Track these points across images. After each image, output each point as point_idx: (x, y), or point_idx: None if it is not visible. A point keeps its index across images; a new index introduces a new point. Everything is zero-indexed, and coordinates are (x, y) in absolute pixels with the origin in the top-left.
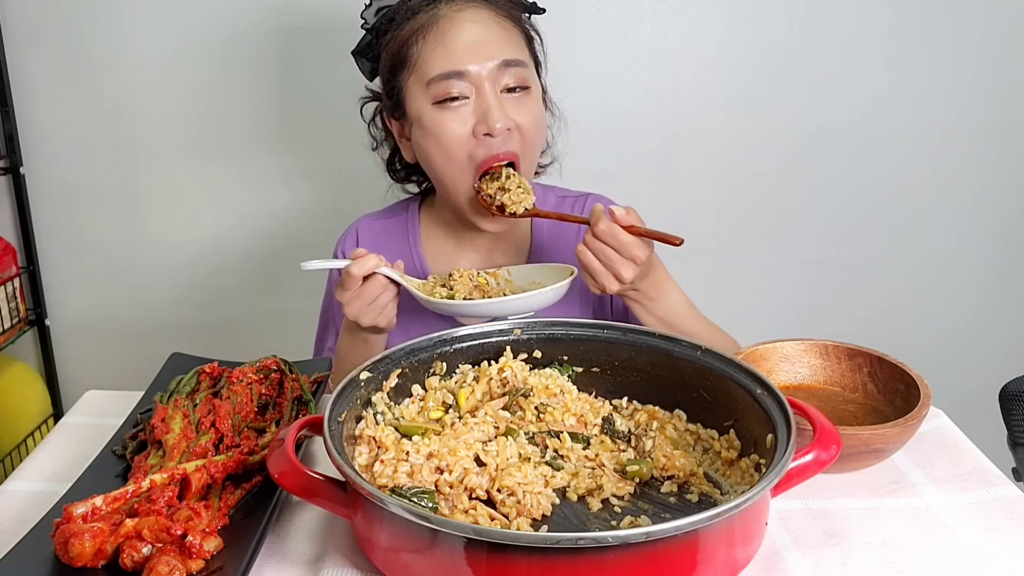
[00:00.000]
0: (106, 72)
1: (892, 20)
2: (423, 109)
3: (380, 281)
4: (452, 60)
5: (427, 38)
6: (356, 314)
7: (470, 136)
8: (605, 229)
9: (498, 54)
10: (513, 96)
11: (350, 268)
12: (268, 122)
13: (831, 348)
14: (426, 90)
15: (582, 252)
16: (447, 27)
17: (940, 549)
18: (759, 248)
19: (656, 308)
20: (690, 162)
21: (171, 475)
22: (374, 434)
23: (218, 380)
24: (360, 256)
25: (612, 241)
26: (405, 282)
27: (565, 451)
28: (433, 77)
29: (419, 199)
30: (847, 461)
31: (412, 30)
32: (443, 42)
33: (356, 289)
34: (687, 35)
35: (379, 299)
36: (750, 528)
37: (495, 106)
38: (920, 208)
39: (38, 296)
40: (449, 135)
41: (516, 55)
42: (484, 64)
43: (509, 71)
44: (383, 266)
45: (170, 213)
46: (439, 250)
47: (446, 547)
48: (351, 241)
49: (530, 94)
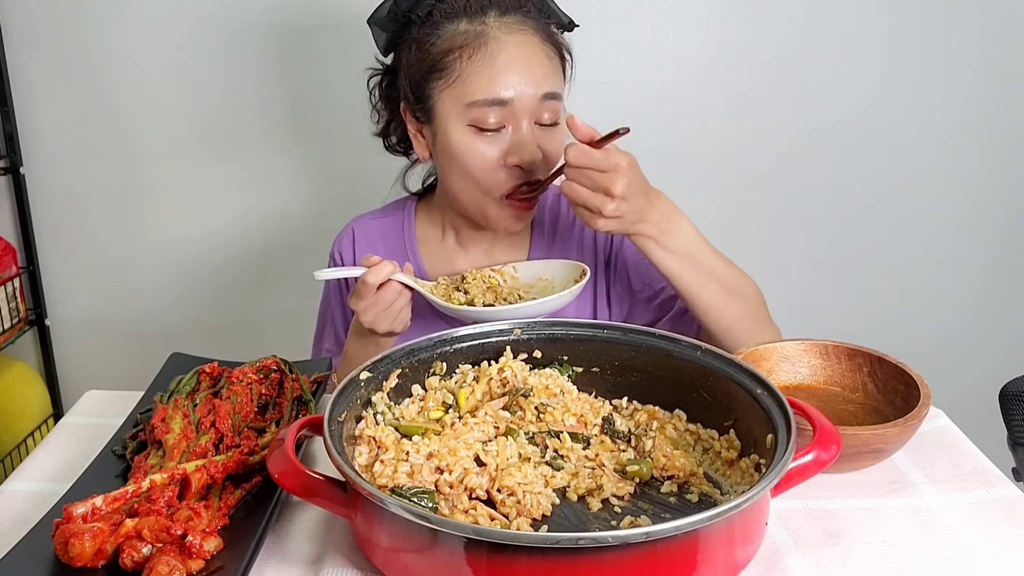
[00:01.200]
0: (106, 72)
1: (892, 20)
2: (454, 127)
3: (395, 287)
4: (497, 88)
5: (474, 58)
6: (372, 321)
7: (498, 162)
8: (576, 153)
9: (542, 87)
10: (545, 129)
11: (366, 277)
12: (268, 122)
13: (831, 348)
14: (463, 110)
15: (568, 188)
16: (496, 51)
17: (940, 549)
18: (759, 248)
19: (670, 242)
20: (690, 162)
21: (171, 475)
22: (374, 434)
23: (218, 380)
24: (374, 263)
25: (587, 161)
26: (421, 288)
27: (565, 451)
28: (475, 101)
29: (416, 199)
30: (847, 461)
31: (457, 43)
32: (491, 67)
33: (372, 297)
34: (687, 35)
35: (394, 305)
36: (750, 528)
37: (530, 140)
38: (920, 208)
39: (38, 296)
40: (478, 158)
41: (556, 87)
42: (527, 95)
43: (547, 104)
44: (397, 272)
45: (170, 213)
46: (436, 249)
47: (446, 547)
48: (347, 242)
49: (558, 126)
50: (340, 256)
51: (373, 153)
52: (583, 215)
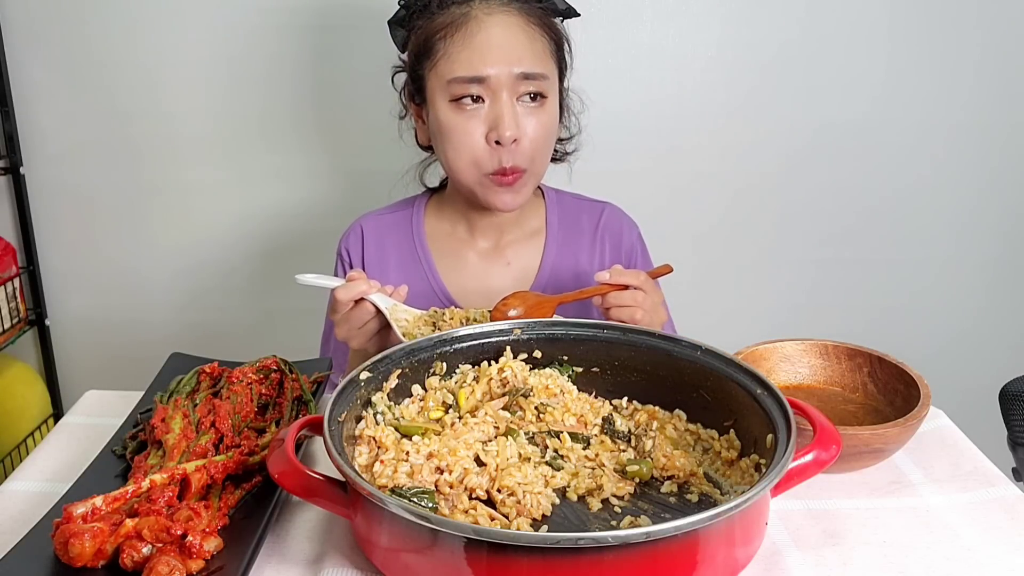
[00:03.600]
0: (106, 72)
1: (892, 20)
2: (440, 104)
3: (367, 309)
4: (474, 65)
5: (454, 37)
6: (344, 337)
7: (481, 139)
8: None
9: (519, 65)
10: (528, 105)
11: (336, 292)
12: (269, 121)
13: (831, 348)
14: (446, 87)
15: (621, 312)
16: (475, 30)
17: (940, 549)
18: (759, 248)
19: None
20: (690, 163)
21: (171, 475)
22: (374, 434)
23: (218, 380)
24: (352, 280)
25: (637, 282)
26: (388, 315)
27: (565, 451)
28: (453, 78)
29: (427, 196)
30: (847, 461)
31: (443, 24)
32: (468, 45)
33: (344, 313)
34: (687, 36)
35: (366, 327)
36: (750, 528)
37: (508, 115)
38: (920, 208)
39: (38, 296)
40: (461, 135)
41: (536, 68)
42: (504, 73)
43: (527, 83)
44: (374, 292)
45: (171, 213)
46: (445, 241)
47: (446, 547)
48: (355, 239)
49: (544, 105)
50: (348, 253)
51: (375, 153)
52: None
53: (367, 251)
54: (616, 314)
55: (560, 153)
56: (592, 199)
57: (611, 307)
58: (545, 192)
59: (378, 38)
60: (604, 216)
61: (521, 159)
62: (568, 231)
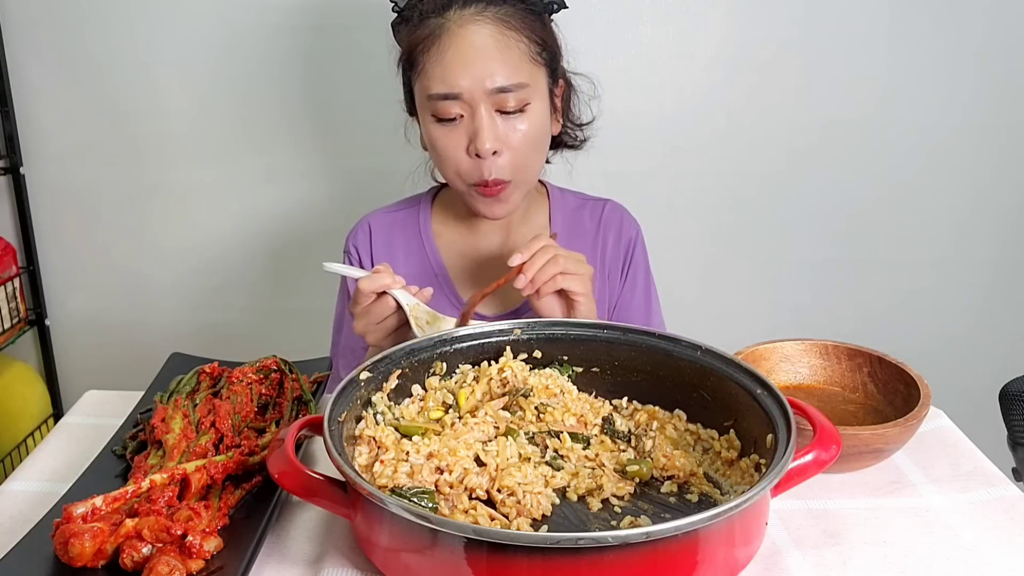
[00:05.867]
0: (106, 72)
1: (892, 20)
2: (424, 117)
3: (389, 303)
4: (447, 82)
5: (430, 52)
6: (362, 331)
7: (463, 152)
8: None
9: (492, 80)
10: (509, 116)
11: (360, 283)
12: (270, 122)
13: (831, 348)
14: (426, 102)
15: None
16: (448, 45)
17: (940, 549)
18: (759, 248)
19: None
20: (690, 162)
21: (171, 475)
22: (374, 434)
23: (218, 380)
24: (378, 272)
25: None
26: (409, 312)
27: (565, 451)
28: (431, 94)
29: (433, 192)
30: (847, 461)
31: (421, 36)
32: (441, 62)
33: (365, 306)
34: (687, 35)
35: (385, 322)
36: (750, 528)
37: (485, 128)
38: (920, 208)
39: (38, 296)
40: (444, 147)
41: (512, 79)
42: (477, 89)
43: (503, 96)
44: (398, 288)
45: (171, 213)
46: (452, 239)
47: (446, 547)
48: (362, 235)
49: (528, 111)
50: (356, 250)
51: (375, 153)
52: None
53: (375, 248)
54: (548, 289)
55: (578, 140)
56: (594, 197)
57: (540, 288)
58: (549, 190)
59: (380, 38)
60: (605, 212)
61: (503, 171)
62: (571, 229)
